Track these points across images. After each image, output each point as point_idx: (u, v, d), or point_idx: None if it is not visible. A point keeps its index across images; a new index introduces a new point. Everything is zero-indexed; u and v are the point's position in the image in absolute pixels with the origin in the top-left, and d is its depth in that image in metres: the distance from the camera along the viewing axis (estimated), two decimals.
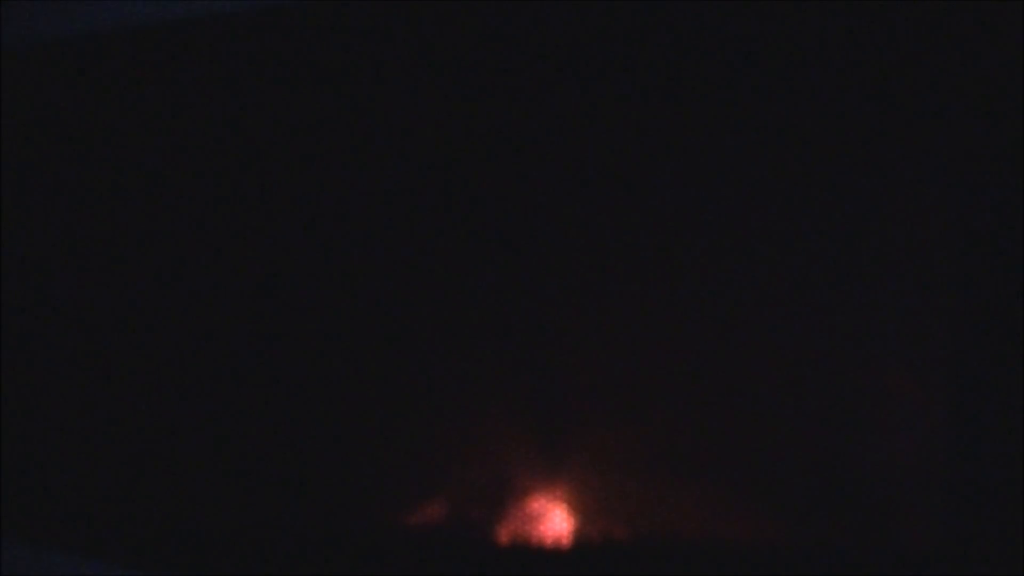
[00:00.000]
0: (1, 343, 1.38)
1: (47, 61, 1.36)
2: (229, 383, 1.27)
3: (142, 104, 1.31)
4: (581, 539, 1.13)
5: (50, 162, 1.36)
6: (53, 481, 1.36)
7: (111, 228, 1.33)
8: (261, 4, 1.23)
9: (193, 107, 1.28)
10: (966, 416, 0.99)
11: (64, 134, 1.35)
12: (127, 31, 1.30)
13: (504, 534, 1.16)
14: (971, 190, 0.99)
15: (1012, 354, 0.97)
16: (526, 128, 1.15)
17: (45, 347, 1.36)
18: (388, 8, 1.19)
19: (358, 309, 1.22)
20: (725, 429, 1.08)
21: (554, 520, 1.14)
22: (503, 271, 1.16)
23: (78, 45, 1.33)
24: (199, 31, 1.27)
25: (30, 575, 1.34)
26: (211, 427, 1.28)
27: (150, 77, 1.30)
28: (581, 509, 1.14)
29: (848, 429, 1.04)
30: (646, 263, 1.11)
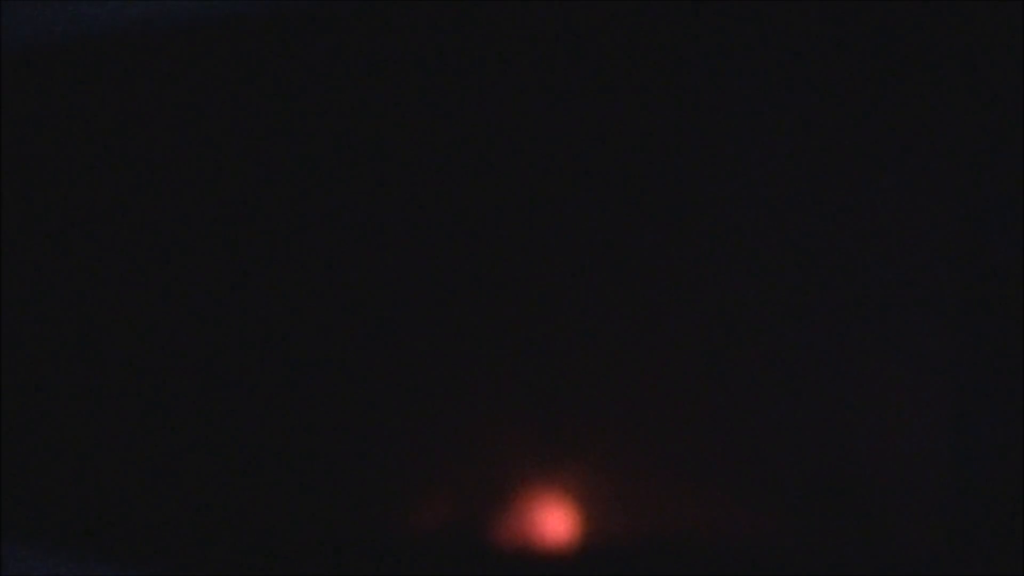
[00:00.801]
0: (1, 343, 1.38)
1: (47, 61, 1.36)
2: (229, 383, 1.27)
3: (143, 105, 1.31)
4: (581, 540, 1.13)
5: (50, 163, 1.36)
6: (53, 481, 1.36)
7: (111, 228, 1.33)
8: (263, 5, 1.23)
9: (194, 109, 1.28)
10: (966, 416, 0.99)
11: (64, 135, 1.35)
12: (128, 32, 1.30)
13: (503, 535, 1.16)
14: (971, 189, 0.99)
15: (1013, 354, 0.98)
16: (525, 128, 1.15)
17: (45, 347, 1.36)
18: (388, 8, 1.19)
19: (358, 309, 1.22)
20: (725, 429, 1.08)
21: (554, 521, 1.15)
22: (502, 271, 1.16)
23: (78, 46, 1.33)
24: (200, 32, 1.27)
25: (30, 575, 1.34)
26: (211, 427, 1.28)
27: (151, 78, 1.30)
28: (581, 510, 1.14)
29: (848, 429, 1.04)
30: (646, 262, 1.11)
